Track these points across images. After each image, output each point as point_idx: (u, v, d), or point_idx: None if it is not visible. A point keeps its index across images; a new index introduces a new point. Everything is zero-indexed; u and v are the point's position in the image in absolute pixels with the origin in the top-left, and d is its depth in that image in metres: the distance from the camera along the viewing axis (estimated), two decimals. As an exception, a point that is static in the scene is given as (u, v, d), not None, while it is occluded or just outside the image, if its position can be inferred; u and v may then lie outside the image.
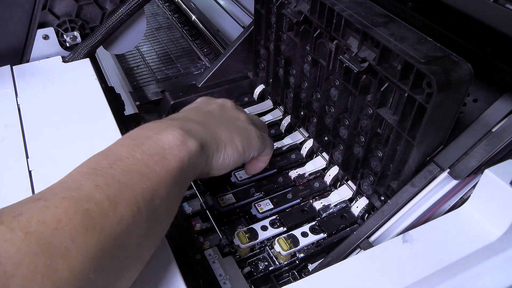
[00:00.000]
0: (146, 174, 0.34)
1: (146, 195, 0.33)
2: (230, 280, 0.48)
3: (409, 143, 0.43)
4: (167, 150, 0.36)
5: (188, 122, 0.42)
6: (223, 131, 0.45)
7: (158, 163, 0.35)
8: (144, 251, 0.34)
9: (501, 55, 0.45)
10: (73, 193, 0.30)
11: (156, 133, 0.38)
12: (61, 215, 0.27)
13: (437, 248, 0.40)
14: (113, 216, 0.30)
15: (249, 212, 0.56)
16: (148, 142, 0.36)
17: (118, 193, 0.31)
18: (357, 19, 0.45)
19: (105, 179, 0.31)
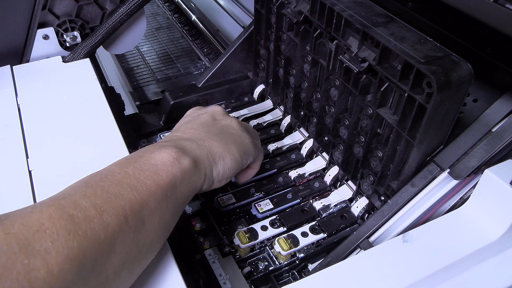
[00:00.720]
0: (135, 187, 0.34)
1: (134, 206, 0.33)
2: (230, 280, 0.48)
3: (409, 143, 0.43)
4: (160, 166, 0.37)
5: (182, 141, 0.43)
6: (218, 143, 0.46)
7: (149, 177, 0.36)
8: (132, 262, 0.34)
9: (501, 55, 0.45)
10: (61, 201, 0.30)
11: (150, 152, 0.39)
12: (44, 219, 0.28)
13: (437, 248, 0.40)
14: (98, 222, 0.30)
15: (249, 212, 0.56)
16: (141, 160, 0.38)
17: (105, 202, 0.32)
18: (357, 19, 0.45)
19: (94, 190, 0.32)
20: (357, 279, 0.38)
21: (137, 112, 0.80)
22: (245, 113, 0.71)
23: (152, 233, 0.35)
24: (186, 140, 0.44)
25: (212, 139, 0.46)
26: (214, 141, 0.46)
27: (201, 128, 0.48)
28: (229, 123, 0.51)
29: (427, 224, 0.42)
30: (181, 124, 0.52)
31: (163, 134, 0.67)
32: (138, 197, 0.34)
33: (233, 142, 0.48)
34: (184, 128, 0.48)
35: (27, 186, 0.44)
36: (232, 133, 0.50)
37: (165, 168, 0.38)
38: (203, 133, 0.47)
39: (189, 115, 0.54)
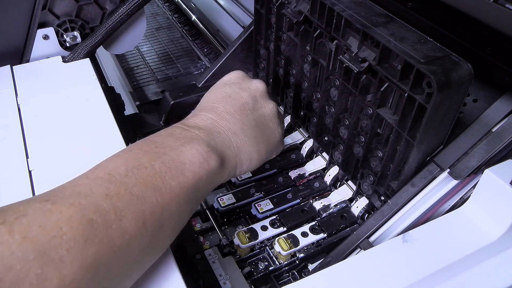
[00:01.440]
0: (159, 188, 0.33)
1: (155, 210, 0.32)
2: (230, 280, 0.48)
3: (409, 143, 0.43)
4: (187, 166, 0.36)
5: (215, 135, 0.41)
6: (251, 140, 0.44)
7: (174, 178, 0.35)
8: (144, 263, 0.34)
9: (501, 55, 0.45)
10: (82, 200, 0.29)
11: (181, 144, 0.37)
12: (64, 223, 0.27)
13: (437, 248, 0.40)
14: (116, 228, 0.29)
15: (249, 212, 0.56)
16: (171, 153, 0.36)
17: (126, 205, 0.31)
18: (357, 19, 0.45)
19: (117, 188, 0.31)
20: (357, 279, 0.38)
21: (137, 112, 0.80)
22: (245, 113, 0.71)
23: (168, 234, 0.35)
24: (219, 134, 0.42)
25: (245, 134, 0.44)
26: (247, 138, 0.44)
27: (239, 115, 0.45)
28: (268, 112, 0.48)
29: (427, 224, 0.42)
30: (220, 97, 0.46)
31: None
32: (160, 201, 0.33)
33: (265, 139, 0.46)
34: (222, 108, 0.45)
35: (27, 186, 0.44)
36: (267, 127, 0.48)
37: (193, 168, 0.36)
38: (238, 124, 0.44)
39: (231, 83, 0.49)
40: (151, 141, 0.38)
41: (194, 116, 0.44)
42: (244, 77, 0.50)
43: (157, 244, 0.34)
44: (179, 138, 0.38)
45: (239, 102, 0.46)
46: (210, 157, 0.38)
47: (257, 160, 0.45)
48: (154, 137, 0.39)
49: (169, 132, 0.39)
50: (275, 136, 0.48)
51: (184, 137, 0.38)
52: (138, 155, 0.35)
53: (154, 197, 0.32)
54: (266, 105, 0.48)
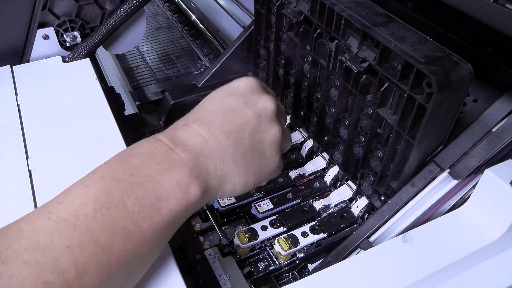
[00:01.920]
0: (129, 233, 0.30)
1: (123, 258, 0.30)
2: (230, 280, 0.48)
3: (409, 143, 0.43)
4: (164, 202, 0.33)
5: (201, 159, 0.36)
6: (239, 170, 0.39)
7: (148, 218, 0.31)
8: None
9: (501, 55, 0.45)
10: (38, 257, 0.26)
11: (161, 172, 0.33)
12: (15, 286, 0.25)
13: (437, 248, 0.40)
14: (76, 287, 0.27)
15: (249, 212, 0.56)
16: (147, 186, 0.32)
17: (90, 259, 0.28)
18: (357, 19, 0.45)
19: (81, 237, 0.28)
20: (357, 279, 0.38)
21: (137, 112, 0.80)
22: (245, 113, 0.71)
23: (139, 274, 0.33)
24: (205, 158, 0.37)
25: (235, 162, 0.39)
26: (235, 167, 0.39)
27: (234, 137, 0.39)
28: (270, 138, 0.42)
29: (427, 224, 0.42)
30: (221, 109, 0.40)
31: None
32: (129, 248, 0.30)
33: (256, 170, 0.41)
34: (218, 124, 0.39)
35: (27, 186, 0.44)
36: (263, 155, 0.42)
37: (169, 206, 0.33)
38: (231, 148, 0.38)
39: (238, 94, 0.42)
40: (128, 164, 0.34)
41: (186, 126, 0.38)
42: (254, 89, 0.43)
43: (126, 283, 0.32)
44: (160, 162, 0.34)
45: (239, 121, 0.40)
46: (190, 190, 0.34)
47: (241, 190, 0.41)
48: (132, 155, 0.35)
49: (151, 150, 0.35)
50: (270, 166, 0.43)
51: (166, 161, 0.34)
52: (110, 187, 0.31)
53: (123, 245, 0.30)
54: (269, 130, 0.42)
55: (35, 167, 0.47)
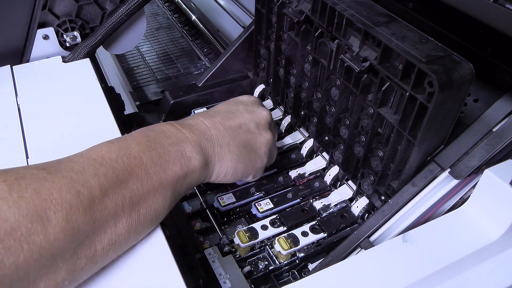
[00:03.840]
0: (142, 179, 0.37)
1: (134, 197, 0.36)
2: (230, 279, 0.48)
3: (410, 143, 0.43)
4: (170, 165, 0.40)
5: (203, 140, 0.45)
6: (233, 158, 0.47)
7: (157, 173, 0.38)
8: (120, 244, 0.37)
9: (501, 55, 0.45)
10: (73, 175, 0.33)
11: (170, 144, 0.41)
12: (55, 190, 0.32)
13: (437, 248, 0.40)
14: (98, 202, 0.34)
15: (249, 212, 0.56)
16: (159, 150, 0.40)
17: (110, 186, 0.35)
18: (358, 18, 0.45)
19: (106, 170, 0.35)
20: (357, 279, 0.38)
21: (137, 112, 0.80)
22: (245, 113, 0.71)
23: (144, 221, 0.38)
24: (206, 141, 0.45)
25: (230, 150, 0.47)
26: (229, 154, 0.47)
27: (231, 130, 0.48)
28: (262, 140, 0.51)
29: (427, 224, 0.42)
30: (223, 110, 0.50)
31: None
32: (140, 190, 0.37)
33: (246, 163, 0.49)
34: (220, 119, 0.48)
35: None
36: (254, 152, 0.50)
37: (174, 168, 0.40)
38: (227, 138, 0.47)
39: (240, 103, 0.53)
40: (144, 134, 0.41)
41: (192, 118, 0.47)
42: (255, 102, 0.54)
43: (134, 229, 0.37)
44: (169, 136, 0.42)
45: (238, 120, 0.49)
46: (191, 161, 0.42)
47: (231, 176, 0.48)
48: (148, 130, 0.42)
49: (163, 129, 0.43)
50: (257, 165, 0.51)
51: (174, 137, 0.42)
52: (131, 145, 0.39)
53: (135, 185, 0.37)
54: (263, 133, 0.51)
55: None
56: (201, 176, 0.44)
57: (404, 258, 0.39)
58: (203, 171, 0.44)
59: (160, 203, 0.39)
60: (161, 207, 0.39)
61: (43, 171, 0.33)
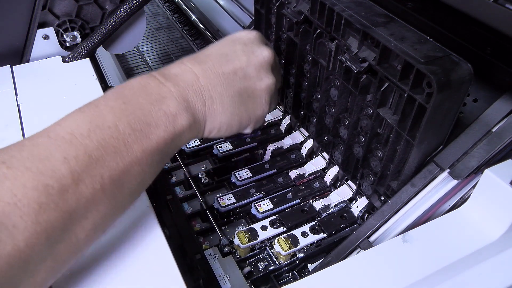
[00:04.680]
0: (121, 152, 0.33)
1: (115, 174, 0.32)
2: (230, 280, 0.48)
3: (409, 143, 0.43)
4: (153, 129, 0.35)
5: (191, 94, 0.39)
6: (226, 111, 0.41)
7: (138, 141, 0.34)
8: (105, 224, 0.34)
9: (501, 55, 0.45)
10: (39, 164, 0.29)
11: (151, 102, 0.36)
12: (18, 189, 0.27)
13: (437, 248, 0.40)
14: (72, 192, 0.30)
15: (249, 212, 0.56)
16: (138, 113, 0.35)
17: (84, 169, 0.30)
18: (357, 19, 0.45)
19: (76, 151, 0.31)
20: (357, 279, 0.38)
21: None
22: (245, 113, 0.71)
23: (130, 194, 0.35)
24: (194, 94, 0.39)
25: (222, 102, 0.41)
26: (222, 107, 0.41)
27: (225, 78, 0.41)
28: (263, 86, 0.44)
29: (427, 224, 0.42)
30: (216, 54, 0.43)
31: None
32: (120, 165, 0.33)
33: (243, 114, 0.43)
34: (211, 65, 0.41)
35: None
36: (253, 101, 0.44)
37: (158, 132, 0.35)
38: (220, 88, 0.41)
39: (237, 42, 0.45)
40: (120, 95, 0.36)
41: (178, 65, 0.41)
42: (255, 39, 0.46)
43: (119, 206, 0.34)
44: (150, 93, 0.37)
45: (233, 65, 0.42)
46: (177, 120, 0.37)
47: (225, 131, 0.43)
48: (125, 89, 0.37)
49: (142, 84, 0.37)
50: (257, 114, 0.45)
51: (156, 93, 0.37)
52: (104, 112, 0.34)
53: (114, 161, 0.32)
54: (263, 78, 0.44)
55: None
56: (190, 135, 0.40)
57: (404, 258, 0.39)
58: (192, 130, 0.39)
59: (146, 172, 0.35)
60: (147, 175, 0.36)
61: (2, 166, 0.28)
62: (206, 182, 0.60)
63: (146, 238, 0.41)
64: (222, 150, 0.64)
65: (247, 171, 0.60)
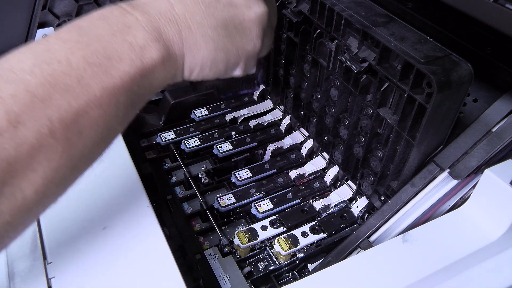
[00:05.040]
0: (74, 90, 0.27)
1: (67, 116, 0.27)
2: (230, 280, 0.48)
3: (409, 143, 0.43)
4: (115, 62, 0.29)
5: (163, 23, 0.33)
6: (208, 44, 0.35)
7: (96, 77, 0.29)
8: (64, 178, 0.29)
9: (501, 55, 0.45)
10: None
11: (113, 33, 0.30)
12: None
13: (437, 248, 0.40)
14: (8, 138, 0.25)
15: (249, 212, 0.56)
16: (96, 45, 0.29)
17: (25, 111, 0.26)
18: (357, 19, 0.45)
19: (15, 89, 0.26)
20: (357, 279, 0.38)
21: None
22: (245, 113, 0.71)
23: (94, 143, 0.30)
24: (169, 23, 0.33)
25: (203, 33, 0.35)
26: (203, 38, 0.35)
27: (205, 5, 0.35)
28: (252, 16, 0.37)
29: (427, 224, 0.42)
30: None
31: (163, 134, 0.67)
32: (74, 105, 0.27)
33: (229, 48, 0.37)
34: None
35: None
36: (242, 33, 0.37)
37: (121, 67, 0.30)
38: (199, 16, 0.34)
39: None
40: (75, 26, 0.31)
41: None
42: None
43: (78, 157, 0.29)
44: (112, 23, 0.31)
45: None
46: (146, 52, 0.31)
47: (210, 70, 0.37)
48: (82, 20, 0.31)
49: (104, 14, 0.32)
50: (247, 49, 0.38)
51: (119, 23, 0.31)
52: (54, 45, 0.29)
53: (66, 101, 0.27)
54: (252, 6, 0.38)
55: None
56: (166, 73, 0.34)
57: (404, 258, 0.39)
58: (167, 66, 0.33)
59: (111, 115, 0.30)
60: (113, 120, 0.31)
61: None
62: (206, 182, 0.60)
63: (146, 238, 0.41)
64: (222, 150, 0.64)
65: (247, 171, 0.60)
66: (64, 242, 0.40)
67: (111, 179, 0.46)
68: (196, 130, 0.68)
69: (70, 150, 0.28)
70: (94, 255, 0.39)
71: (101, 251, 0.39)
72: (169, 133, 0.67)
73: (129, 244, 0.40)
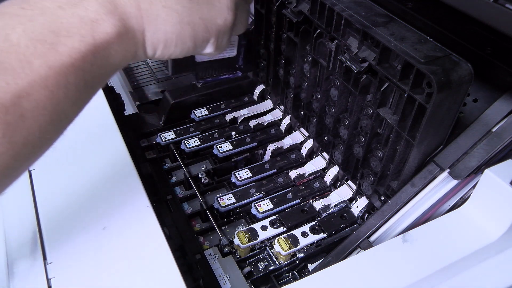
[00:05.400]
0: (13, 69, 0.25)
1: (6, 98, 0.25)
2: (230, 280, 0.48)
3: (409, 143, 0.43)
4: (62, 38, 0.27)
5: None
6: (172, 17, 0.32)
7: (40, 55, 0.26)
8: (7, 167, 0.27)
9: (501, 55, 0.45)
10: None
11: (59, 6, 0.28)
12: None
13: (437, 248, 0.40)
14: None
15: (249, 212, 0.56)
16: (40, 19, 0.27)
17: None
18: (357, 19, 0.45)
19: None
20: (357, 279, 0.38)
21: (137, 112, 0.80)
22: (245, 113, 0.71)
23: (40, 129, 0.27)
24: None
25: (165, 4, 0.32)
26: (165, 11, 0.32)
27: None
28: None
29: (427, 224, 0.42)
30: None
31: (163, 134, 0.67)
32: (13, 86, 0.25)
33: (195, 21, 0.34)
34: None
35: (27, 186, 0.44)
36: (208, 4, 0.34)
37: (70, 43, 0.27)
38: None
39: None
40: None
41: None
42: None
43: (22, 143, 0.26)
44: None
45: None
46: (99, 26, 0.28)
47: (176, 46, 0.34)
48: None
49: None
50: (217, 23, 0.35)
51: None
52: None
53: (4, 81, 0.25)
54: None
55: (35, 167, 0.47)
56: (123, 49, 0.30)
57: (404, 258, 0.39)
58: (125, 41, 0.30)
59: (60, 98, 0.27)
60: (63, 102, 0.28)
61: None
62: (206, 182, 0.60)
63: (146, 238, 0.41)
64: (222, 150, 0.64)
65: (247, 171, 0.60)
66: (64, 242, 0.40)
67: (111, 179, 0.46)
68: (196, 130, 0.68)
69: (14, 136, 0.26)
70: (94, 255, 0.39)
71: (101, 251, 0.39)
72: (169, 133, 0.67)
73: (129, 244, 0.40)
